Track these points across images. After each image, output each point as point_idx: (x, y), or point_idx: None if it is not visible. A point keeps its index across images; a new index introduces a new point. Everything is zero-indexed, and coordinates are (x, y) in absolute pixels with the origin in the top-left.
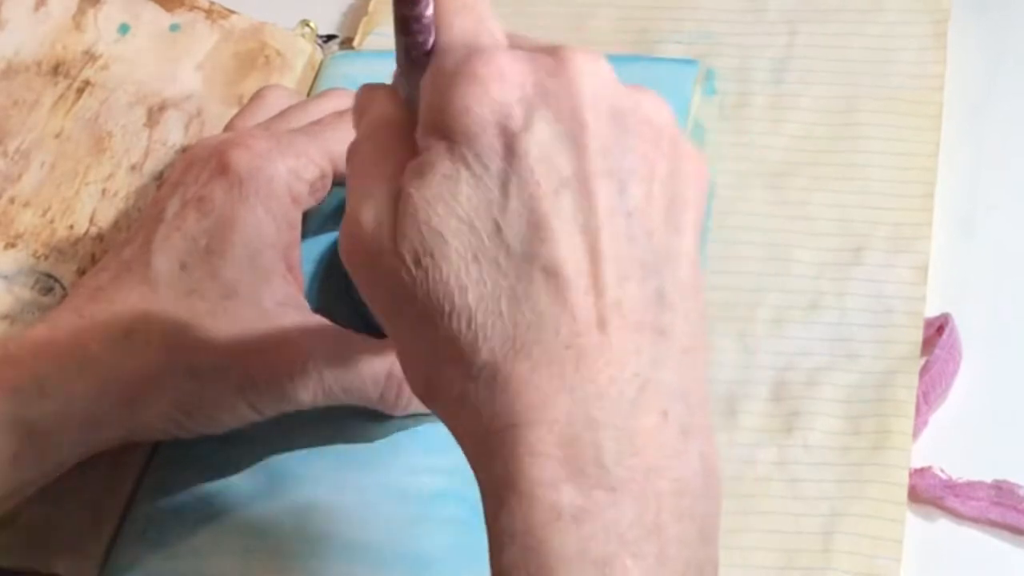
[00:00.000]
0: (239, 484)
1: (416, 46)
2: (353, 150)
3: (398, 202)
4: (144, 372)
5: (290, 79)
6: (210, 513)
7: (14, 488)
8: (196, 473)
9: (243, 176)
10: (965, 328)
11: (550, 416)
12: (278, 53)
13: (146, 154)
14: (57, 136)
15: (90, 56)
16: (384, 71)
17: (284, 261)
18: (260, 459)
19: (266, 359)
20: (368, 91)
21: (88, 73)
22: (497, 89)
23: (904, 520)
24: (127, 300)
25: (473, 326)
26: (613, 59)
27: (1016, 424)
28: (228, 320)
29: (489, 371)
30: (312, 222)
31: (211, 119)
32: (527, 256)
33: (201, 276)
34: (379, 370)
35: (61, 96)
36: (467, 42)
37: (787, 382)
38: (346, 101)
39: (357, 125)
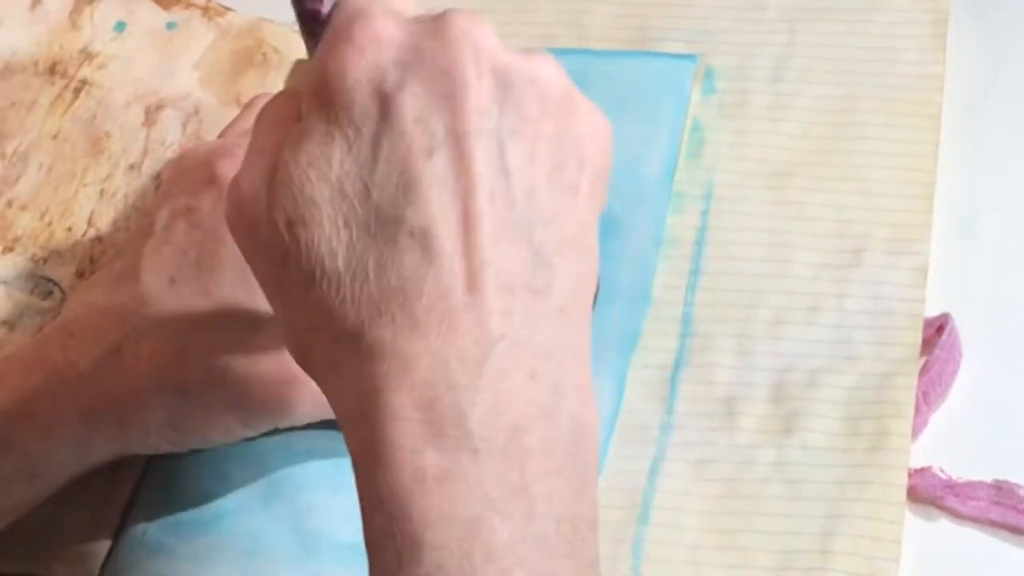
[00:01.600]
0: (237, 488)
1: (312, 16)
2: (253, 127)
3: (275, 171)
4: (132, 389)
5: (287, 76)
6: (209, 517)
7: (6, 509)
8: (195, 477)
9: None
10: (965, 328)
11: (410, 381)
12: (275, 50)
13: (144, 154)
14: (55, 137)
15: (87, 55)
16: None
17: None
18: (258, 462)
19: (257, 374)
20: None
21: (85, 72)
22: (372, 51)
23: (903, 521)
24: (116, 316)
25: (342, 292)
26: (611, 54)
27: (1016, 424)
28: (219, 335)
29: (355, 337)
30: None
31: (209, 117)
32: (395, 219)
33: (191, 291)
34: None
35: (58, 96)
36: (358, 9)
37: (786, 383)
38: None
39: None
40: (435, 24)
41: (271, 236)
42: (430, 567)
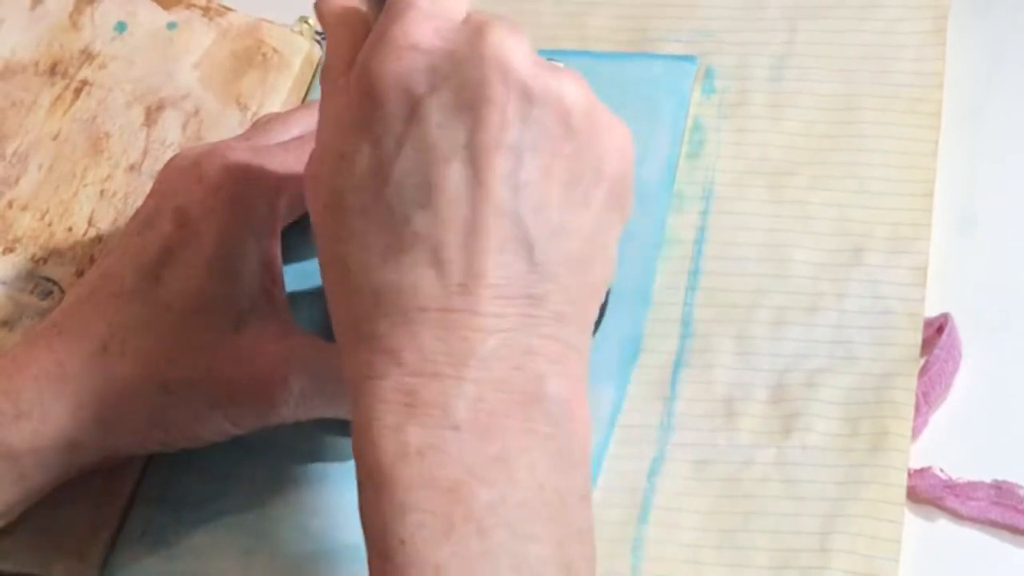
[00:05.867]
0: (238, 485)
1: None
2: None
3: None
4: (118, 388)
5: (288, 77)
6: (209, 514)
7: None
8: (195, 475)
9: (219, 187)
10: (965, 328)
11: (397, 370)
12: (275, 51)
13: (144, 154)
14: (55, 138)
15: (87, 55)
16: None
17: (266, 272)
18: (258, 460)
19: (242, 373)
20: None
21: (85, 72)
22: (409, 56)
23: (902, 521)
24: (103, 314)
25: (347, 281)
26: (612, 56)
27: (1016, 424)
28: (203, 334)
29: (354, 326)
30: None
31: (209, 118)
32: (405, 219)
33: (176, 289)
34: None
35: (59, 96)
36: (408, 4)
37: (786, 384)
38: None
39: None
40: (473, 34)
41: (317, 218)
42: (412, 527)
